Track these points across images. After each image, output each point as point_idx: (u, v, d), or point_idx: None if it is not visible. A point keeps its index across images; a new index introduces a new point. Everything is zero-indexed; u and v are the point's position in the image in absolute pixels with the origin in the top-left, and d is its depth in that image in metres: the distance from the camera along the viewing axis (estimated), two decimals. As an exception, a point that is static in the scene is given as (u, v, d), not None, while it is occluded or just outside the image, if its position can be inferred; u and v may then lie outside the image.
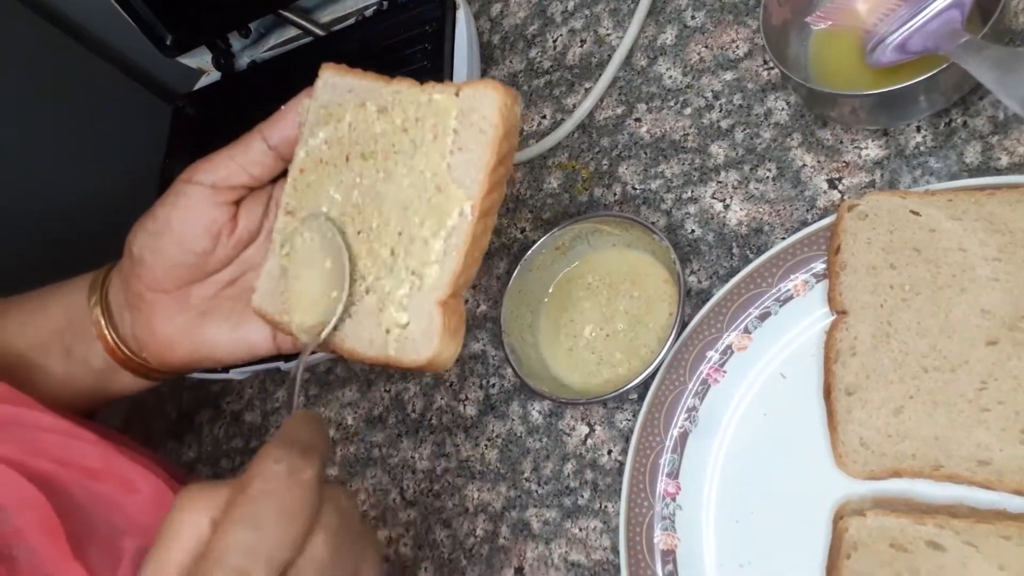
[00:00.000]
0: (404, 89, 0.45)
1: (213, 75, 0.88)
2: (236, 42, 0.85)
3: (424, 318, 0.42)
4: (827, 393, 0.48)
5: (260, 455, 0.35)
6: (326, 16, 0.81)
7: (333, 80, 0.47)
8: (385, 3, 0.76)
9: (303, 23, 0.80)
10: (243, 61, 0.86)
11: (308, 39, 0.80)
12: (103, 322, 0.52)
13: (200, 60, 0.87)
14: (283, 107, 0.49)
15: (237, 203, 0.49)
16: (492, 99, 0.41)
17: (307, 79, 0.80)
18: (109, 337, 0.52)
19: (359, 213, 0.45)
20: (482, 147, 0.41)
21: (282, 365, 0.67)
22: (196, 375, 0.73)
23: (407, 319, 0.43)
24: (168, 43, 0.82)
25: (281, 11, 0.79)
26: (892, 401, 0.46)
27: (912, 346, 0.47)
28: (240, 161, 0.48)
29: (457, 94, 0.42)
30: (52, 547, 0.42)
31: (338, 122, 0.47)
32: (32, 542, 0.41)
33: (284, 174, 0.50)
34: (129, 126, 0.96)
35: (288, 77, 0.81)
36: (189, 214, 0.48)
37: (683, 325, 0.53)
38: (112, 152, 0.95)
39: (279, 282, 0.48)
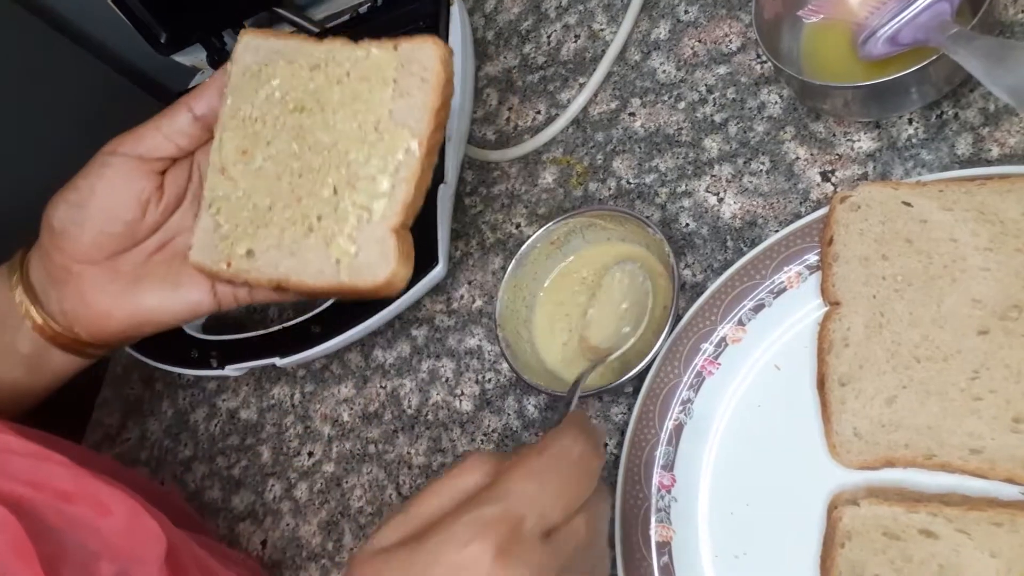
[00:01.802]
0: (338, 47, 0.50)
1: (207, 72, 0.88)
2: (230, 40, 0.85)
3: (376, 245, 0.47)
4: (821, 384, 0.48)
5: (559, 431, 0.40)
6: (320, 13, 0.81)
7: (256, 43, 0.51)
8: (379, 0, 0.76)
9: (297, 20, 0.80)
10: (237, 59, 0.86)
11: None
12: (27, 300, 0.52)
13: (194, 58, 0.87)
14: (207, 79, 0.52)
15: (163, 172, 0.51)
16: (432, 51, 0.47)
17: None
18: (37, 315, 0.51)
19: (297, 160, 0.50)
20: (426, 92, 0.47)
21: (277, 361, 0.67)
22: (193, 372, 0.73)
23: (356, 249, 0.48)
24: (162, 41, 0.82)
25: (275, 8, 0.79)
26: (885, 391, 0.46)
27: (905, 336, 0.47)
28: (166, 132, 0.50)
29: (395, 48, 0.48)
30: (25, 570, 0.41)
31: (267, 82, 0.51)
32: (5, 565, 0.41)
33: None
34: (123, 124, 0.96)
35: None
36: (116, 184, 0.49)
37: (677, 318, 0.54)
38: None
39: (213, 236, 0.51)
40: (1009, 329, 0.44)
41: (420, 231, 0.62)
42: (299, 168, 0.50)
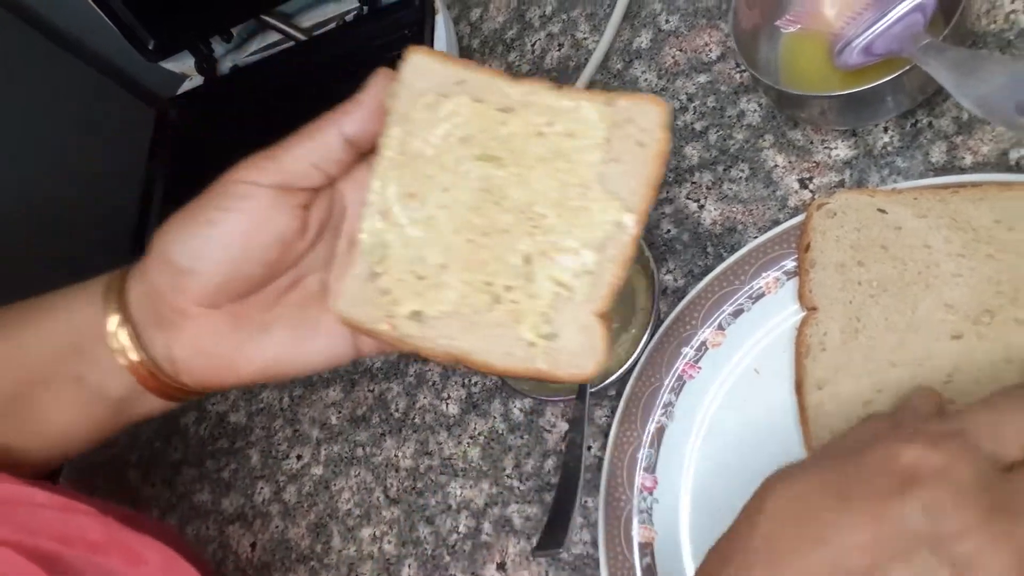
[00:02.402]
0: (540, 91, 0.43)
1: (196, 79, 0.88)
2: (218, 47, 0.86)
3: (578, 330, 0.41)
4: (798, 387, 0.49)
5: None
6: (307, 21, 0.82)
7: (431, 67, 0.44)
8: (365, 8, 0.77)
9: (285, 28, 0.80)
10: (225, 66, 0.86)
11: (289, 44, 0.81)
12: (131, 345, 0.44)
13: (183, 65, 0.87)
14: (360, 95, 0.43)
15: (306, 205, 0.43)
16: (655, 113, 0.41)
17: (290, 82, 0.81)
18: (140, 363, 0.44)
19: (480, 215, 0.43)
20: (644, 160, 0.41)
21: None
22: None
23: (552, 331, 0.42)
24: (151, 48, 0.83)
25: (263, 16, 0.80)
26: (861, 394, 0.47)
27: (880, 341, 0.48)
28: (313, 159, 0.42)
29: (610, 104, 0.42)
30: None
31: (446, 117, 0.43)
32: None
33: None
34: (113, 130, 0.97)
35: (270, 81, 0.82)
36: (257, 221, 0.41)
37: (658, 322, 0.55)
38: (96, 155, 0.95)
39: (369, 287, 0.44)
40: (981, 334, 0.45)
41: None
42: (482, 226, 0.43)
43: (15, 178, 0.88)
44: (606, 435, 0.56)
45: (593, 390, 0.54)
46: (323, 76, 0.77)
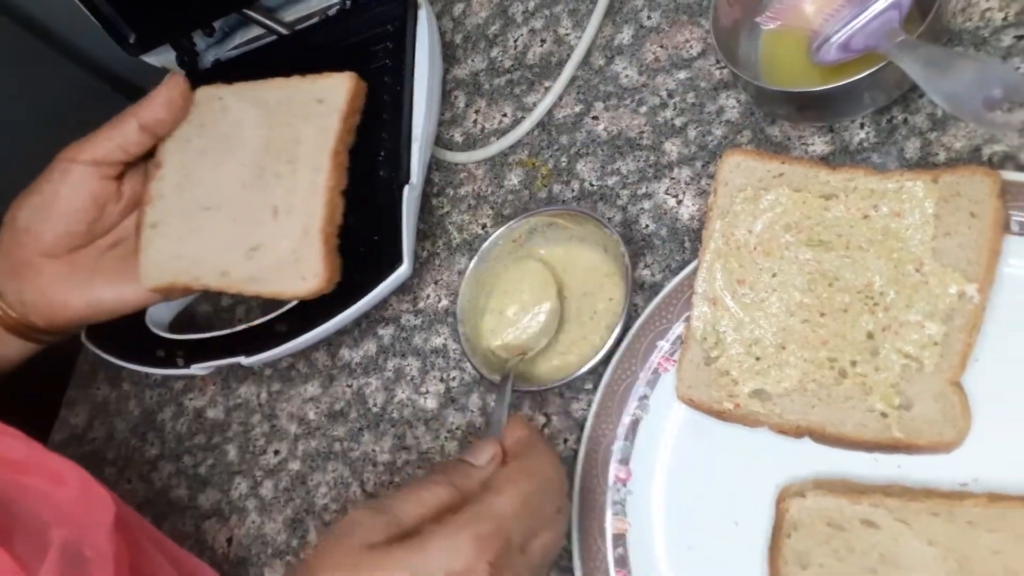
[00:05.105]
0: (861, 177, 0.47)
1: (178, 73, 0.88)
2: (200, 41, 0.85)
3: (933, 400, 0.44)
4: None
5: (532, 447, 0.47)
6: (290, 15, 0.81)
7: (748, 164, 0.50)
8: (348, 2, 0.77)
9: (267, 22, 0.80)
10: (207, 60, 0.86)
11: (272, 38, 0.81)
12: None
13: (164, 59, 0.87)
14: (155, 90, 0.57)
15: (119, 176, 0.57)
16: (985, 183, 0.43)
17: (272, 76, 0.81)
18: None
19: (813, 297, 0.47)
20: (979, 231, 0.43)
21: (243, 360, 0.68)
22: (159, 371, 0.74)
23: (904, 401, 0.44)
24: (132, 41, 0.82)
25: (245, 10, 0.80)
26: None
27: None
28: (117, 142, 0.56)
29: (935, 180, 0.45)
30: None
31: (769, 209, 0.49)
32: None
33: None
34: (94, 124, 0.96)
35: (252, 75, 0.82)
36: (77, 187, 0.55)
37: (631, 315, 0.55)
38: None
39: (705, 370, 0.50)
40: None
41: (385, 231, 0.63)
42: (817, 306, 0.47)
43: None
44: (582, 428, 0.56)
45: (565, 380, 0.54)
46: (306, 70, 0.77)
